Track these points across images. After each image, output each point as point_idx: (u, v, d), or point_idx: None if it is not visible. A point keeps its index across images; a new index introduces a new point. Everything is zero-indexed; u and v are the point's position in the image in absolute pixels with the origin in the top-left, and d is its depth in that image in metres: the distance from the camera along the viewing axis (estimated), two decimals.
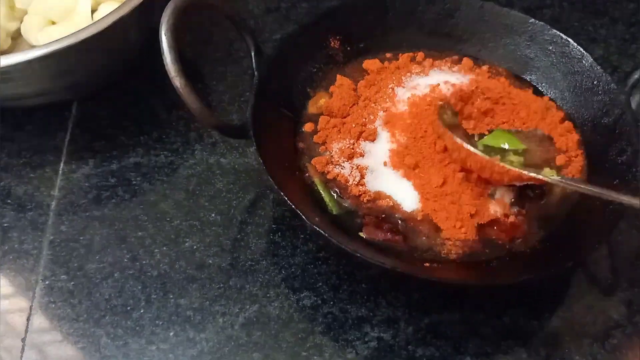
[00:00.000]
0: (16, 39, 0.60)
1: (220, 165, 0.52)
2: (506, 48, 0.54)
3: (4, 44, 0.59)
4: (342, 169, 0.47)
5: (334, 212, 0.45)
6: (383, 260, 0.40)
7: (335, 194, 0.46)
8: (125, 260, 0.46)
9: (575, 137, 0.49)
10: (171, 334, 0.43)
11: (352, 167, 0.47)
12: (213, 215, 0.49)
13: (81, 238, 0.48)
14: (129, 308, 0.44)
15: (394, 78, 0.51)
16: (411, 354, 0.42)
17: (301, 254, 0.47)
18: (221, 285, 0.45)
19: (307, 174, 0.47)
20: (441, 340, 0.43)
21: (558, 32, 0.52)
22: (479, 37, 0.55)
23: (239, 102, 0.57)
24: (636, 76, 0.49)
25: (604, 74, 0.49)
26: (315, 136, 0.49)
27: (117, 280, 0.45)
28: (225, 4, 0.47)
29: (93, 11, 0.58)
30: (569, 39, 0.52)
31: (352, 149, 0.47)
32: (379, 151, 0.47)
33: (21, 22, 0.59)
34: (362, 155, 0.47)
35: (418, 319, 0.44)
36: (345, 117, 0.50)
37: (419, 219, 0.44)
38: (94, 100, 0.56)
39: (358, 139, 0.48)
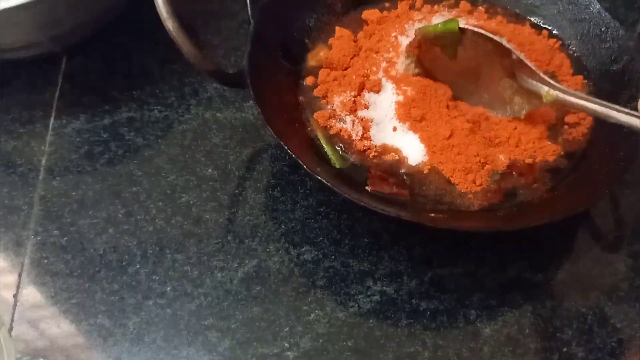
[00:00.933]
0: None
1: (216, 120, 0.50)
2: None
3: None
4: (344, 123, 0.45)
5: (337, 166, 0.43)
6: (388, 209, 0.38)
7: (340, 149, 0.45)
8: (120, 215, 0.45)
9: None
10: (168, 288, 0.42)
11: (356, 121, 0.45)
12: (210, 170, 0.47)
13: (73, 193, 0.46)
14: (124, 263, 0.43)
15: (396, 27, 0.49)
16: (415, 307, 0.41)
17: (301, 209, 0.45)
18: (219, 240, 0.44)
19: (309, 128, 0.46)
20: (445, 294, 0.42)
21: None
22: None
23: (234, 56, 0.55)
24: None
25: (612, 20, 0.48)
26: (315, 90, 0.47)
27: (111, 236, 0.44)
28: None
29: None
30: None
31: (354, 101, 0.46)
32: (384, 103, 0.45)
33: None
34: (366, 107, 0.46)
35: (421, 273, 0.43)
36: (345, 69, 0.48)
37: (425, 172, 0.43)
38: (84, 53, 0.54)
39: (360, 91, 0.46)
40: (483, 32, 0.44)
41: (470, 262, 0.43)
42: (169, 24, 0.38)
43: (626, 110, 0.40)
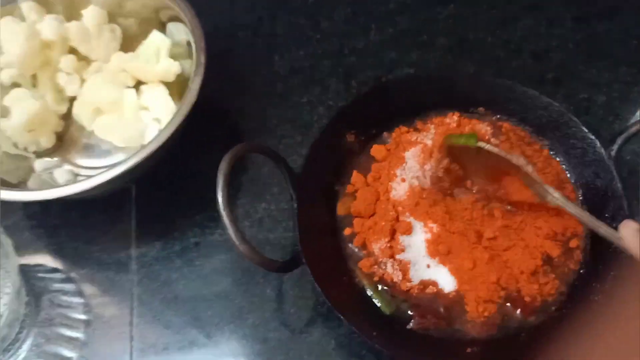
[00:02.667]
0: (66, 120, 0.66)
1: (268, 240, 0.59)
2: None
3: (57, 127, 0.65)
4: (386, 267, 0.52)
5: (387, 313, 0.50)
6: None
7: (385, 292, 0.51)
8: (201, 338, 0.55)
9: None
10: None
11: (395, 264, 0.52)
12: (268, 291, 0.57)
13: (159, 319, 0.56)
14: None
15: (396, 165, 0.56)
16: None
17: None
18: None
19: (357, 279, 0.52)
20: None
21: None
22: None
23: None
24: (619, 142, 0.53)
25: (594, 140, 0.54)
26: (355, 240, 0.54)
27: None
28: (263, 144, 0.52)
29: None
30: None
31: (391, 246, 0.52)
32: (417, 243, 0.52)
33: (71, 104, 0.64)
34: (402, 250, 0.52)
35: None
36: (372, 215, 0.54)
37: (451, 297, 0.51)
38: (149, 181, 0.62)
39: (393, 235, 0.53)
40: (496, 151, 0.51)
41: None
42: (242, 248, 0.45)
43: (608, 227, 0.47)
